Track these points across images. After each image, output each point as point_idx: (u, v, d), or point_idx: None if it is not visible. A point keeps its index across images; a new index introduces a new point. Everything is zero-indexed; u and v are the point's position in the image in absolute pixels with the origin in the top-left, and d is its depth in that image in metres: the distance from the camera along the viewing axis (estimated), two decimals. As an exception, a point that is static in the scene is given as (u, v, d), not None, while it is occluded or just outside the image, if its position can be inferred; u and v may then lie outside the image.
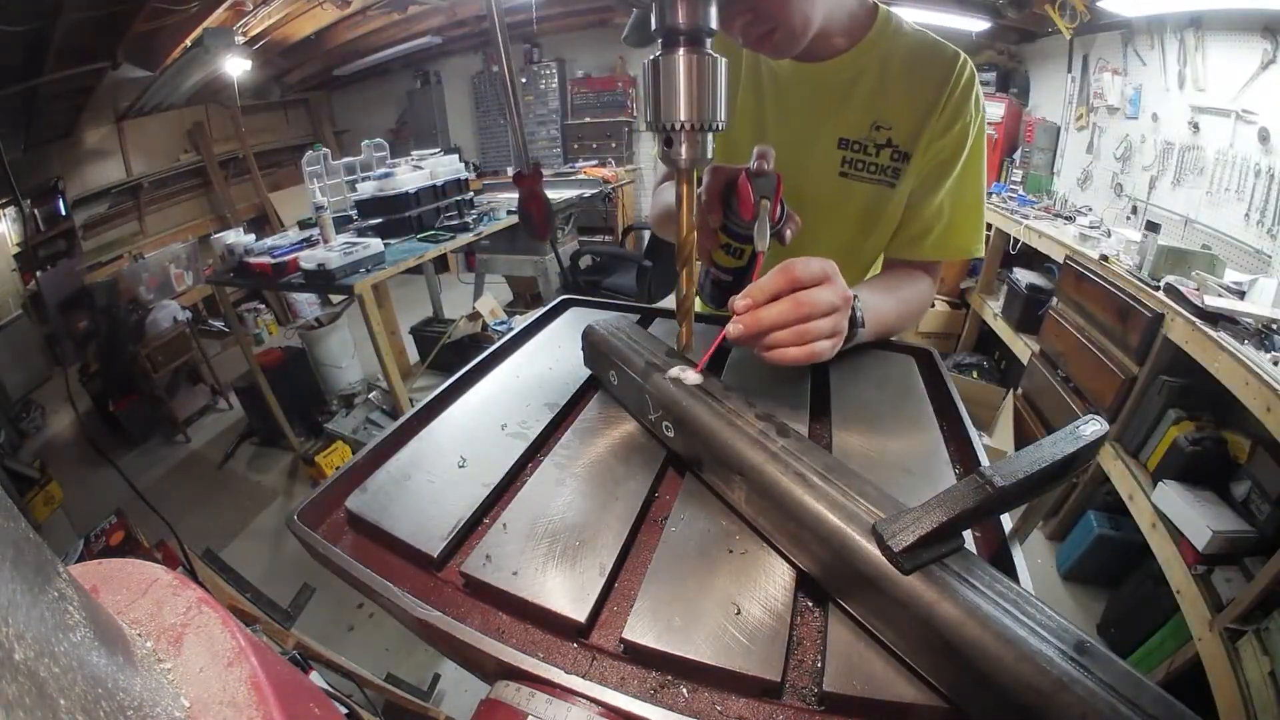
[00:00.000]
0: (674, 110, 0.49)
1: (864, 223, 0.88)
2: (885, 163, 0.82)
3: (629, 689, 0.39)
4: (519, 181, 0.89)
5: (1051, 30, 3.30)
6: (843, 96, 0.82)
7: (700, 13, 0.47)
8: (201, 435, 3.52)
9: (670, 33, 0.48)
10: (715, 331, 0.86)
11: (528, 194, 0.91)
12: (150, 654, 0.23)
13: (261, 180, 5.25)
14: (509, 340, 0.83)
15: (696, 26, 0.48)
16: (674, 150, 0.51)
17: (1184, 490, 1.74)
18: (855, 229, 0.89)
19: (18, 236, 3.71)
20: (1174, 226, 2.56)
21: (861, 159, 0.83)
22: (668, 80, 0.49)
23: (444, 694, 1.86)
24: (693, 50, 0.48)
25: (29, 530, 0.18)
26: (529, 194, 0.91)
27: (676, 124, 0.50)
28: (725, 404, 0.53)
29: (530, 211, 0.92)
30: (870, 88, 0.81)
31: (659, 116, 0.50)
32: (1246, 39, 2.23)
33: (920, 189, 0.85)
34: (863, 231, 0.89)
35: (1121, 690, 0.31)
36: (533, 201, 0.91)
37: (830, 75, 0.81)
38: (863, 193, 0.84)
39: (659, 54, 0.49)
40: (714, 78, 0.49)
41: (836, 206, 0.86)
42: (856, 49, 0.80)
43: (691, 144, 0.51)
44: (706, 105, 0.49)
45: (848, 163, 0.84)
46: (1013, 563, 0.46)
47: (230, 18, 3.47)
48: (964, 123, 0.79)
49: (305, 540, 0.49)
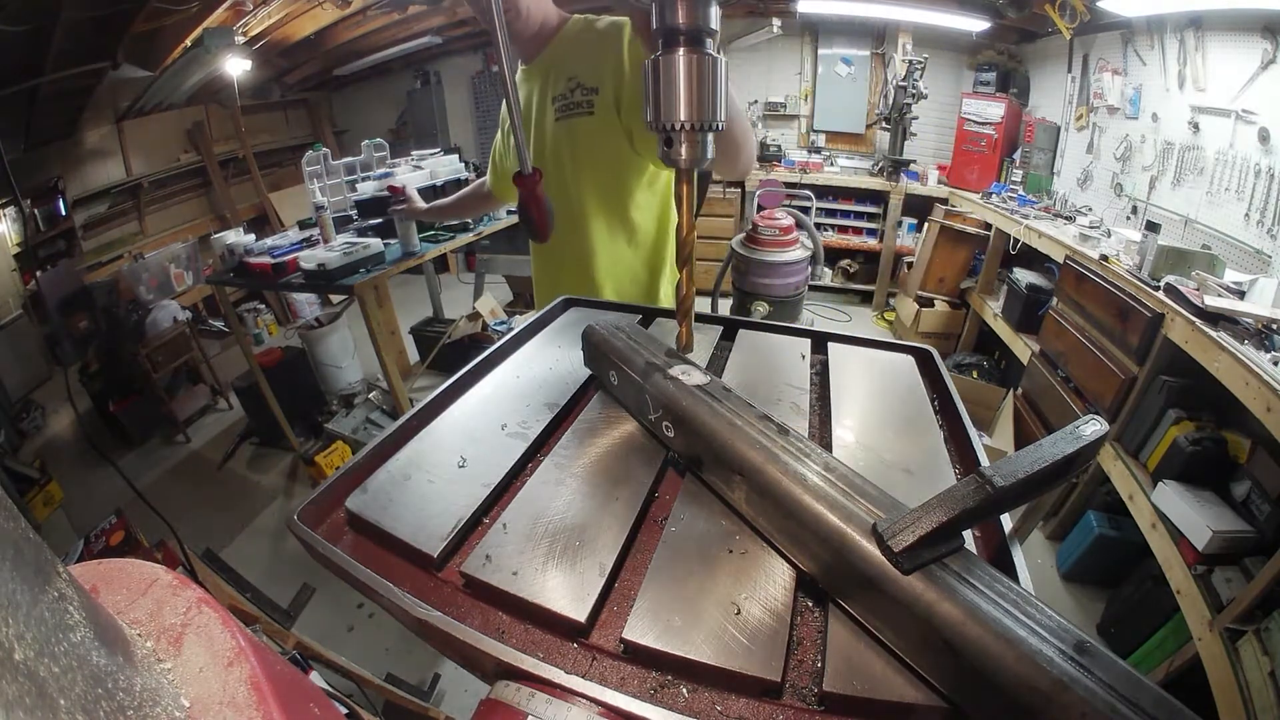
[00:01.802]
0: (674, 111, 0.49)
1: (586, 151, 1.17)
2: (579, 99, 1.14)
3: (629, 689, 0.39)
4: (518, 182, 0.89)
5: (1051, 30, 3.30)
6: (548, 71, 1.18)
7: (700, 13, 0.47)
8: (201, 435, 3.52)
9: (670, 33, 0.48)
10: (715, 331, 0.87)
11: (527, 195, 0.90)
12: (150, 654, 0.23)
13: (261, 180, 5.25)
14: (509, 340, 0.83)
15: (696, 27, 0.47)
16: (674, 150, 0.51)
17: (1184, 490, 1.74)
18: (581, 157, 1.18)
19: (18, 236, 3.71)
20: (1174, 226, 2.56)
21: (567, 103, 1.15)
22: (668, 81, 0.49)
23: (444, 694, 1.86)
24: (692, 51, 0.48)
25: (29, 530, 0.18)
26: (529, 195, 0.90)
27: (676, 124, 0.50)
28: (725, 404, 0.53)
29: (530, 212, 0.92)
30: (561, 59, 1.17)
31: (659, 117, 0.50)
32: (1246, 39, 2.23)
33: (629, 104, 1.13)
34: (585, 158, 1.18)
35: (1121, 690, 0.31)
36: (533, 202, 0.91)
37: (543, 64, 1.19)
38: (574, 127, 1.16)
39: (659, 54, 0.49)
40: (714, 78, 0.49)
41: (565, 145, 1.18)
42: (556, 38, 1.18)
43: (691, 144, 0.51)
44: (706, 105, 0.49)
45: (559, 110, 1.16)
46: (1013, 563, 0.46)
47: (230, 18, 3.47)
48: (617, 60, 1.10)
49: (305, 540, 0.49)
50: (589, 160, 1.18)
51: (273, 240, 2.72)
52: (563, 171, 1.19)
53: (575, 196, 1.20)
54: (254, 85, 4.66)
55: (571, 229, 1.22)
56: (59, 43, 2.79)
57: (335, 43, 4.47)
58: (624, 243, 1.25)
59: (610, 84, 1.11)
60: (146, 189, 4.46)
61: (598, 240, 1.23)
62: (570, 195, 1.20)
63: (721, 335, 0.86)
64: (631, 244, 1.26)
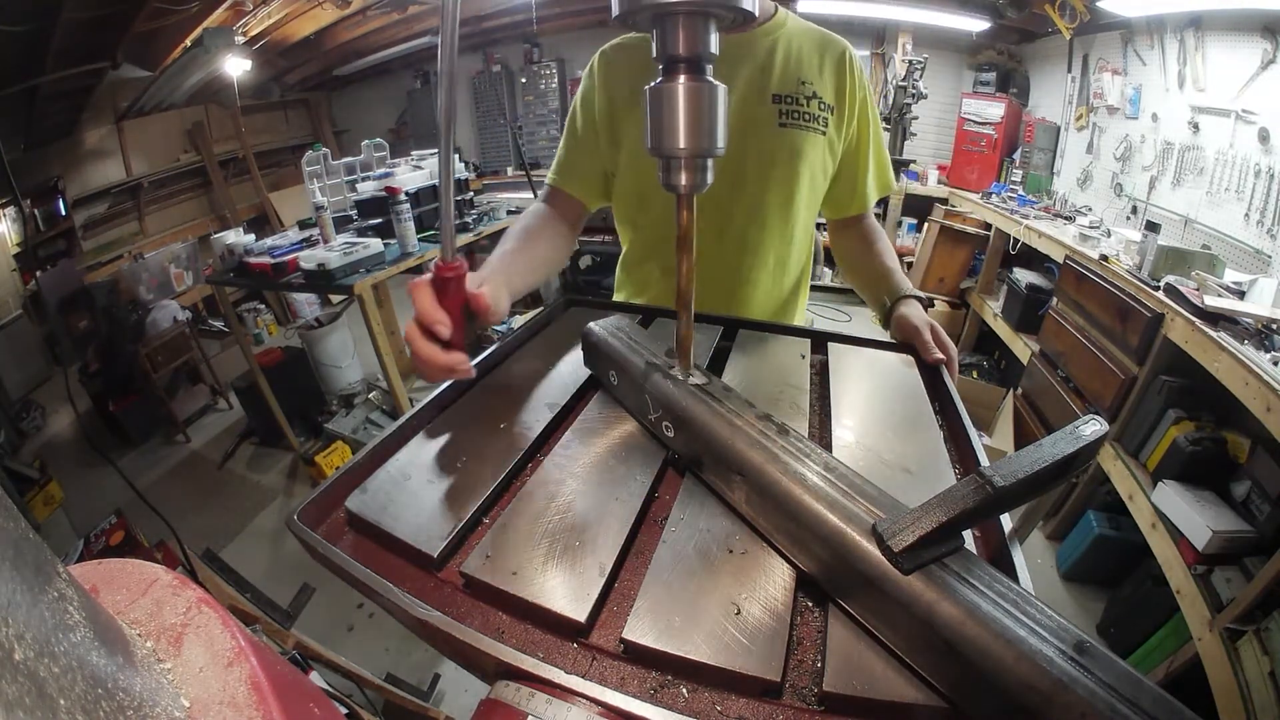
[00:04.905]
0: (674, 138, 0.49)
1: (799, 172, 0.97)
2: (815, 111, 0.94)
3: (629, 689, 0.39)
4: (439, 273, 0.61)
5: (1051, 30, 3.30)
6: (767, 60, 0.94)
7: (699, 40, 0.47)
8: (201, 435, 3.52)
9: (670, 61, 0.48)
10: (715, 331, 0.87)
11: (441, 288, 0.62)
12: (150, 654, 0.23)
13: (261, 180, 5.25)
14: (509, 340, 0.83)
15: (696, 54, 0.48)
16: (673, 176, 0.52)
17: (1184, 490, 1.74)
18: (791, 178, 0.97)
19: (18, 236, 3.71)
20: (1174, 226, 2.56)
21: (795, 109, 0.94)
22: (669, 108, 0.49)
23: (444, 694, 1.86)
24: (691, 79, 0.48)
25: (29, 530, 0.18)
26: (450, 292, 0.62)
27: (676, 151, 0.50)
28: (725, 404, 0.53)
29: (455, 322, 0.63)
30: (788, 54, 0.95)
31: (659, 144, 0.50)
32: (1246, 39, 2.23)
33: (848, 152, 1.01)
34: (797, 181, 0.97)
35: (1121, 690, 0.31)
36: (449, 301, 0.62)
37: (755, 43, 0.94)
38: (800, 140, 0.95)
39: (658, 82, 0.49)
40: (712, 105, 0.49)
41: (776, 156, 0.95)
42: (772, 22, 0.95)
43: (691, 170, 0.51)
44: (705, 132, 0.49)
45: (784, 114, 0.94)
46: (1013, 563, 0.46)
47: (230, 18, 3.47)
48: (865, 93, 0.99)
49: (305, 540, 0.49)
50: (797, 184, 0.96)
51: (273, 240, 2.72)
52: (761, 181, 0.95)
53: (758, 216, 0.98)
54: (254, 85, 4.66)
55: (740, 249, 1.00)
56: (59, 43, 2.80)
57: (335, 43, 4.47)
58: (779, 273, 1.06)
59: (847, 111, 0.97)
60: (146, 189, 4.46)
61: (760, 262, 1.02)
62: (753, 213, 0.98)
63: (721, 335, 0.86)
64: (783, 274, 1.07)
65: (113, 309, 3.48)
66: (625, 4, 0.47)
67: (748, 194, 0.96)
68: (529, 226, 0.99)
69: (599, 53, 1.01)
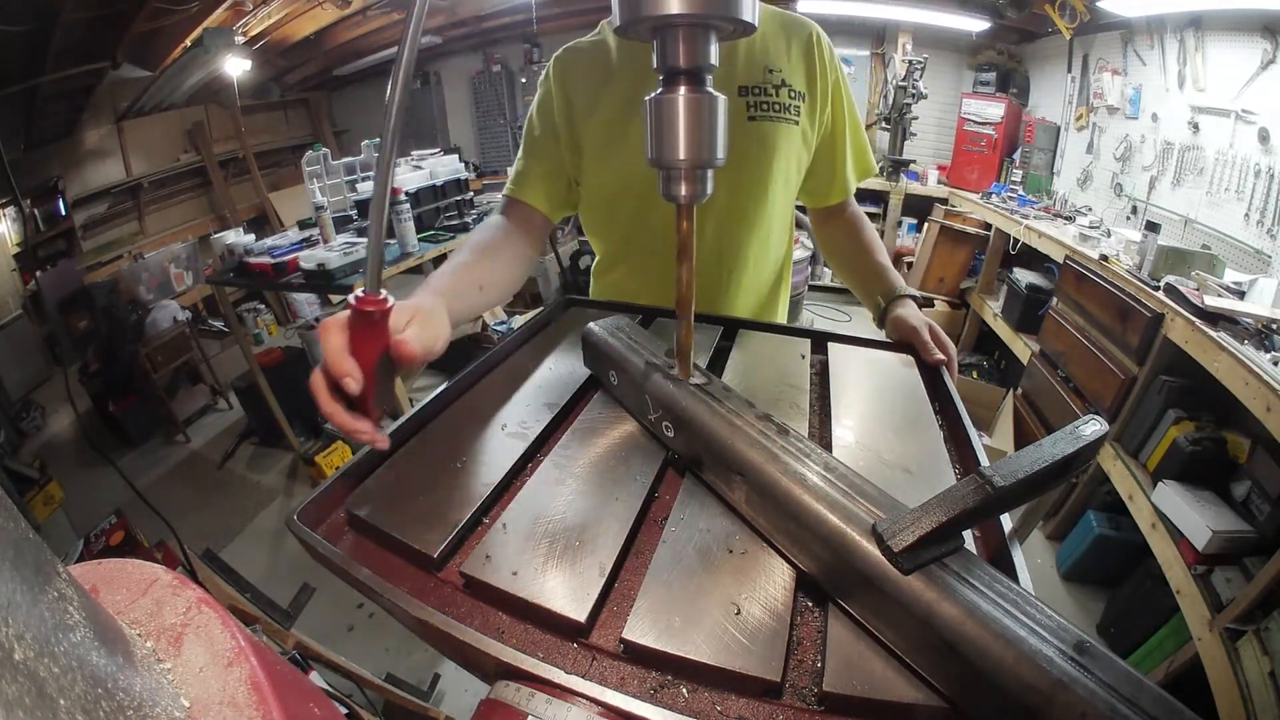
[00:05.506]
0: (674, 150, 0.50)
1: (773, 166, 0.93)
2: (786, 101, 0.90)
3: (629, 689, 0.39)
4: (359, 307, 0.50)
5: (1051, 30, 3.31)
6: (730, 51, 0.89)
7: (699, 52, 0.47)
8: (201, 435, 3.52)
9: (670, 72, 0.48)
10: (715, 331, 0.87)
11: (360, 327, 0.50)
12: (150, 654, 0.23)
13: (261, 180, 5.25)
14: (509, 340, 0.83)
15: (696, 66, 0.48)
16: (673, 187, 0.52)
17: (1184, 490, 1.74)
18: (764, 173, 0.93)
19: (18, 236, 3.71)
20: (1174, 226, 2.56)
21: (764, 100, 0.90)
22: (669, 120, 0.49)
23: (444, 694, 1.85)
24: (692, 90, 0.48)
25: (29, 530, 0.18)
26: (360, 327, 0.50)
27: (676, 162, 0.50)
28: (725, 404, 0.53)
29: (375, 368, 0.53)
30: (752, 42, 0.90)
31: (660, 155, 0.50)
32: (1246, 39, 2.23)
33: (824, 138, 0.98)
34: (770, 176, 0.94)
35: (1121, 690, 0.31)
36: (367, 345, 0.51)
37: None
38: (771, 132, 0.91)
39: (659, 93, 0.49)
40: (712, 116, 0.49)
41: (746, 152, 0.91)
42: None
43: (691, 181, 0.51)
44: (704, 143, 0.49)
45: (753, 106, 0.90)
46: (1013, 563, 0.46)
47: (230, 18, 3.47)
48: (837, 74, 0.96)
49: (305, 540, 0.49)
50: (770, 176, 0.93)
51: (273, 240, 2.72)
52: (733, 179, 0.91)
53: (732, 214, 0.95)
54: (254, 85, 4.66)
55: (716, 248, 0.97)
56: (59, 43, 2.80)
57: (335, 43, 4.47)
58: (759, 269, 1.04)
59: (819, 97, 0.93)
60: (146, 189, 4.46)
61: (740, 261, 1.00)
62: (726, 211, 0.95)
63: (721, 335, 0.86)
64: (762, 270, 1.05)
65: (113, 309, 3.47)
66: (626, 15, 0.47)
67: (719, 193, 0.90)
68: (484, 241, 0.89)
69: (554, 57, 0.97)
